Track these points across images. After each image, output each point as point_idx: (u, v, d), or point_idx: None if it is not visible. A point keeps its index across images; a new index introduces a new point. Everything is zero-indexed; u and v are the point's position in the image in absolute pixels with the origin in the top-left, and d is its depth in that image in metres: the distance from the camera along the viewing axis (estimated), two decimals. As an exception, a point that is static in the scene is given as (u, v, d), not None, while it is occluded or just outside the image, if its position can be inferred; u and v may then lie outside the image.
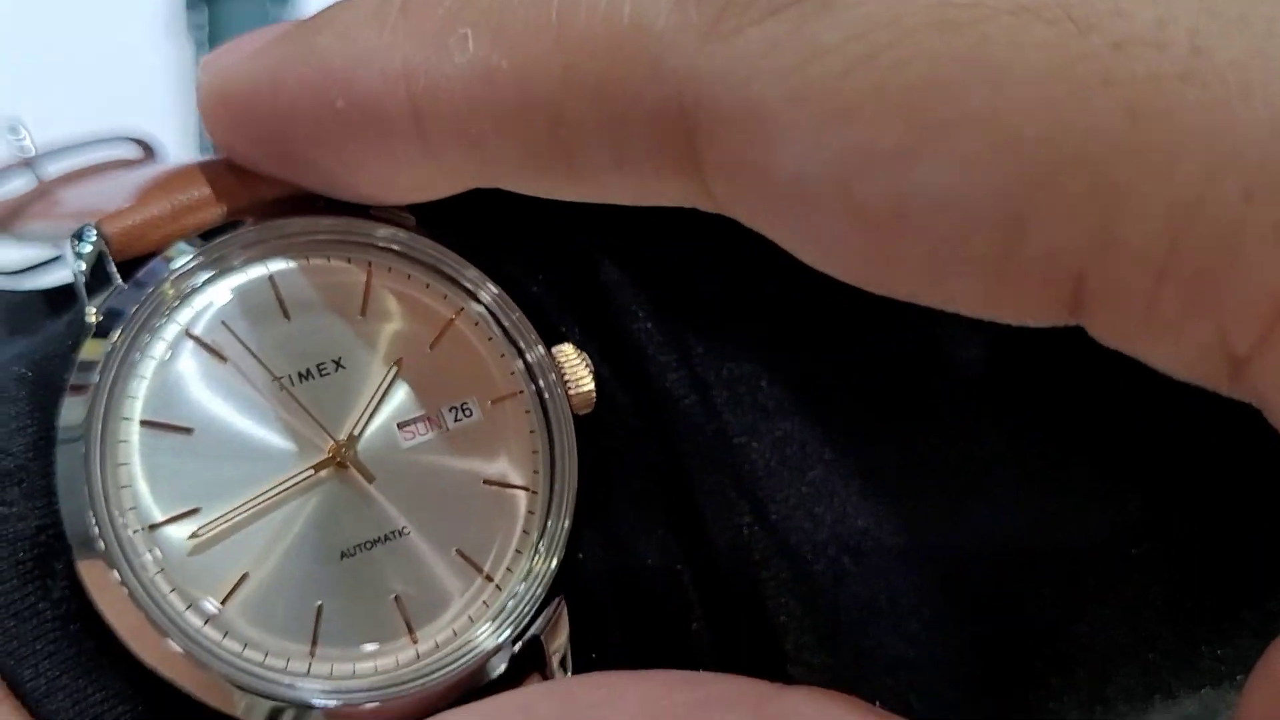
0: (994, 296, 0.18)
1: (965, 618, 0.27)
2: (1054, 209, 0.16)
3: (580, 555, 0.25)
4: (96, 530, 0.21)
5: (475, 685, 0.23)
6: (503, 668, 0.23)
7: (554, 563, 0.24)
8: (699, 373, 0.26)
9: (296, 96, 0.22)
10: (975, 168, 0.16)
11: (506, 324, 0.25)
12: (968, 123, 0.16)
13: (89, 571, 0.21)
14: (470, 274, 0.25)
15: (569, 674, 0.25)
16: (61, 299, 0.27)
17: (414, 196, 0.23)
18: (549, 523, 0.24)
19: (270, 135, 0.23)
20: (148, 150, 0.35)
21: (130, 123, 0.34)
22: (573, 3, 0.19)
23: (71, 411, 0.22)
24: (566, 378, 0.25)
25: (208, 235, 0.23)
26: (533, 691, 0.22)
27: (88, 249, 0.23)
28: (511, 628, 0.23)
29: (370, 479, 0.23)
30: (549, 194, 0.21)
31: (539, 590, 0.24)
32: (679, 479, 0.25)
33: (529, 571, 0.24)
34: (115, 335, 0.22)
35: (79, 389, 0.22)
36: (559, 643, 0.24)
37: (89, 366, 0.22)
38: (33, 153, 0.35)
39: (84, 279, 0.23)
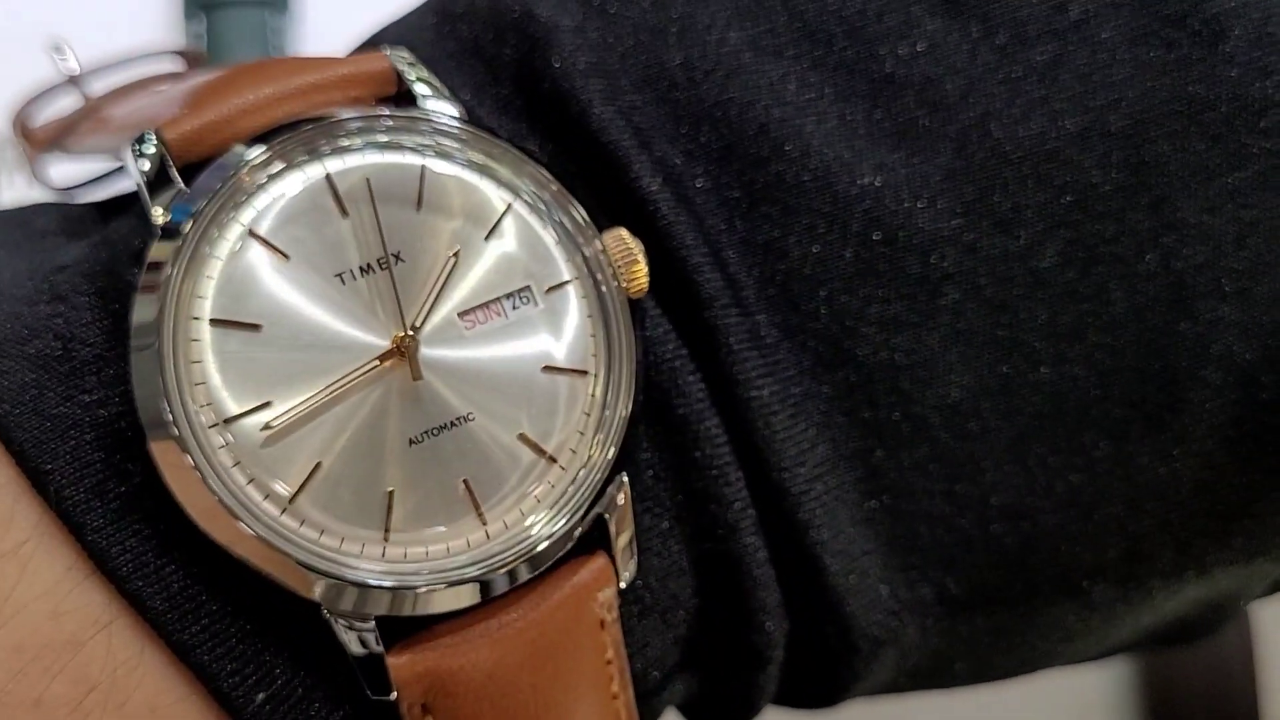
0: None
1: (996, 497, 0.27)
2: None
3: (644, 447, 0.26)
4: (174, 425, 0.22)
5: (543, 562, 0.24)
6: (569, 545, 0.24)
7: (614, 445, 0.25)
8: (732, 271, 0.26)
9: None
10: None
11: (559, 212, 0.25)
12: None
13: (168, 462, 0.22)
14: (524, 164, 0.25)
15: (633, 552, 0.25)
16: (113, 209, 0.27)
17: None
18: (608, 405, 0.25)
19: None
20: (192, 62, 0.36)
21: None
22: None
23: (143, 309, 0.23)
24: (619, 262, 0.25)
25: (264, 137, 0.24)
26: None
27: (149, 154, 0.24)
28: (575, 507, 0.24)
29: (418, 377, 0.24)
30: None
31: (601, 470, 0.24)
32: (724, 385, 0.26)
33: (590, 453, 0.25)
34: (181, 236, 0.23)
35: (149, 288, 0.23)
36: (623, 520, 0.25)
37: (157, 266, 0.23)
38: (78, 71, 0.36)
39: (147, 184, 0.24)
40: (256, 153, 0.24)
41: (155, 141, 0.24)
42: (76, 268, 0.24)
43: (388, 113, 0.25)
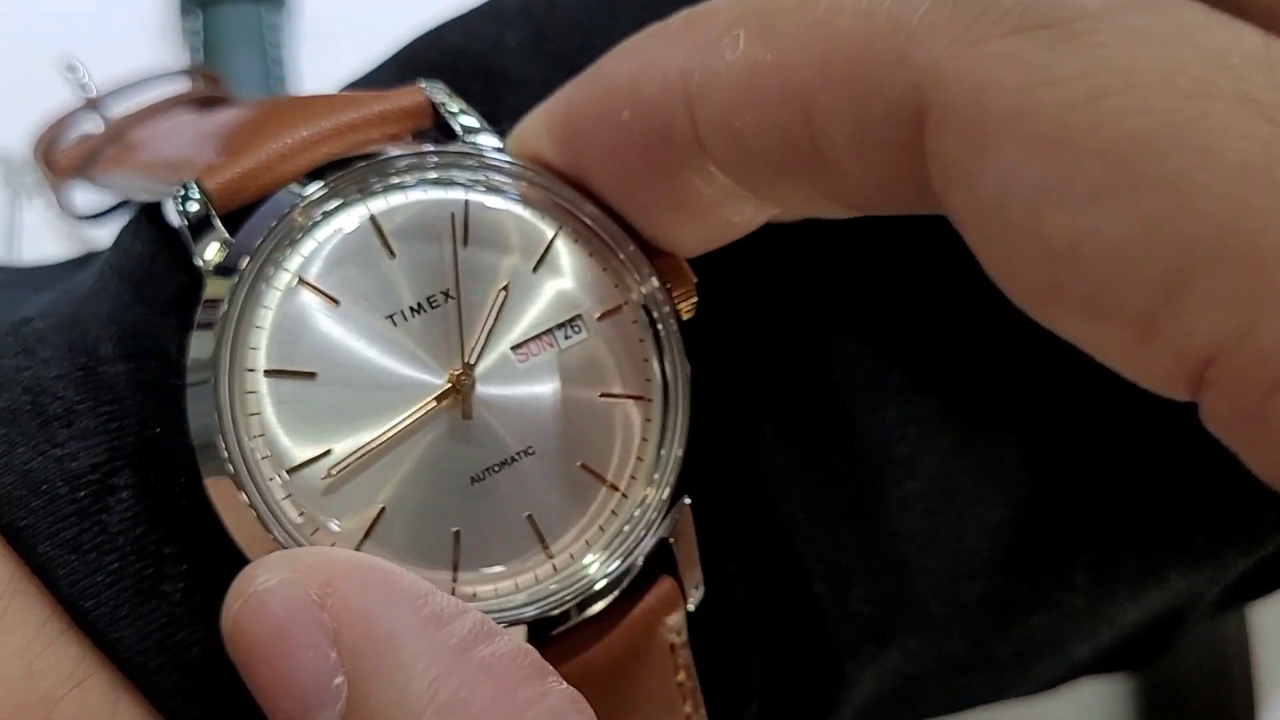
0: (1130, 354, 0.18)
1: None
2: (1207, 292, 0.17)
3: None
4: (229, 462, 0.22)
5: (608, 594, 0.24)
6: (634, 574, 0.24)
7: (676, 467, 0.24)
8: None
9: (587, 119, 0.24)
10: (1152, 229, 0.17)
11: (606, 238, 0.25)
12: (1160, 186, 0.17)
13: (222, 499, 0.22)
14: (566, 193, 0.25)
15: (699, 578, 0.25)
16: (88, 258, 0.27)
17: (693, 225, 0.24)
18: (666, 427, 0.25)
19: (575, 157, 0.25)
20: (211, 80, 0.35)
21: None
22: (838, 3, 0.20)
23: (200, 346, 0.22)
24: (670, 285, 0.25)
25: (304, 182, 0.24)
26: None
27: (193, 208, 0.24)
28: (641, 533, 0.24)
29: (468, 416, 0.23)
30: (792, 202, 0.22)
31: (664, 493, 0.24)
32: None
33: (652, 476, 0.24)
34: (238, 273, 0.23)
35: (206, 324, 0.23)
36: (687, 544, 0.25)
37: (214, 303, 0.23)
38: (94, 92, 0.35)
39: (190, 233, 0.23)
40: (298, 199, 0.23)
41: (198, 193, 0.24)
42: (42, 320, 0.24)
43: (433, 149, 0.24)
